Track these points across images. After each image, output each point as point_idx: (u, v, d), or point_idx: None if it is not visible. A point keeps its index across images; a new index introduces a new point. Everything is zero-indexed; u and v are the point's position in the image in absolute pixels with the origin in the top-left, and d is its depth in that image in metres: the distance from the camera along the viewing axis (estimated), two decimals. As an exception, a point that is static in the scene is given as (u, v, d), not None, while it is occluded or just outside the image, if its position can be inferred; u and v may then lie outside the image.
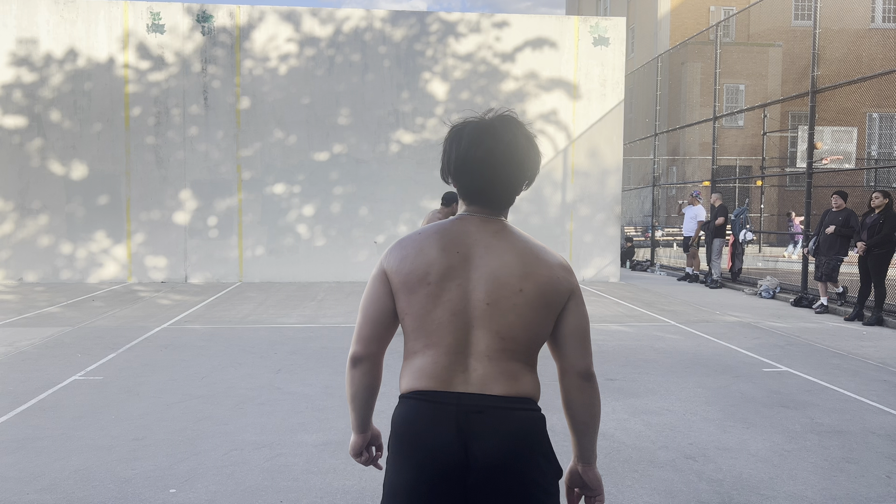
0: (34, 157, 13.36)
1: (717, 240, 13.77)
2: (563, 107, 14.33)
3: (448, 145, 1.83)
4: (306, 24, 13.81)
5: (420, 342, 1.77)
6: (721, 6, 28.41)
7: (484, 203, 1.82)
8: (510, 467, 1.69)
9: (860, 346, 8.04)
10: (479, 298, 1.73)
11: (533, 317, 1.74)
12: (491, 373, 1.72)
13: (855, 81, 11.30)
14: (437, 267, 1.75)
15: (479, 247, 1.77)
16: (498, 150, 1.77)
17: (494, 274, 1.74)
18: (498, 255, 1.76)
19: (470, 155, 1.77)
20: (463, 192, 1.84)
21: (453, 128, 1.84)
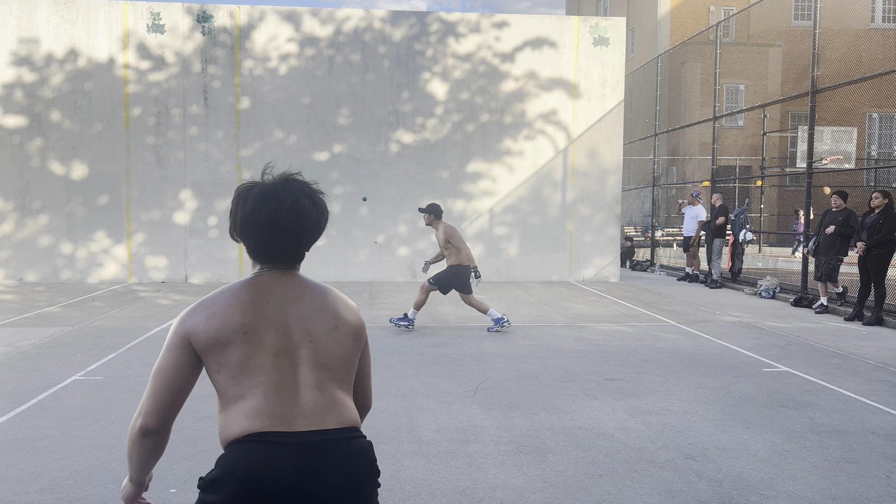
0: (34, 156, 13.37)
1: (718, 240, 13.78)
2: (562, 107, 14.33)
3: (234, 207, 1.93)
4: (306, 25, 13.82)
5: (244, 386, 1.79)
6: (721, 6, 28.41)
7: (275, 260, 1.93)
8: (352, 496, 1.78)
9: (860, 346, 8.05)
10: (300, 337, 1.84)
11: (351, 350, 1.90)
12: (322, 404, 1.81)
13: (855, 81, 11.31)
14: (250, 317, 1.82)
15: (287, 296, 1.88)
16: (280, 213, 1.86)
17: (309, 316, 1.87)
18: (307, 301, 1.89)
19: (253, 218, 1.87)
20: (252, 252, 1.94)
21: (239, 189, 1.94)
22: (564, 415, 5.28)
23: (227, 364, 1.80)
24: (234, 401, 1.79)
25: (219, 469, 1.76)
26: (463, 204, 14.20)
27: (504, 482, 4.01)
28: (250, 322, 1.82)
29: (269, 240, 1.88)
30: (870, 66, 21.83)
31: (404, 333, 8.46)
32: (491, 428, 4.96)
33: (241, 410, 1.77)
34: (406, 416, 5.20)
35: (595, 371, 6.67)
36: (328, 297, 1.93)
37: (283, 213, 1.86)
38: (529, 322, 9.39)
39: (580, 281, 14.42)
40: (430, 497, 3.80)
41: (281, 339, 1.82)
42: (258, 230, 1.87)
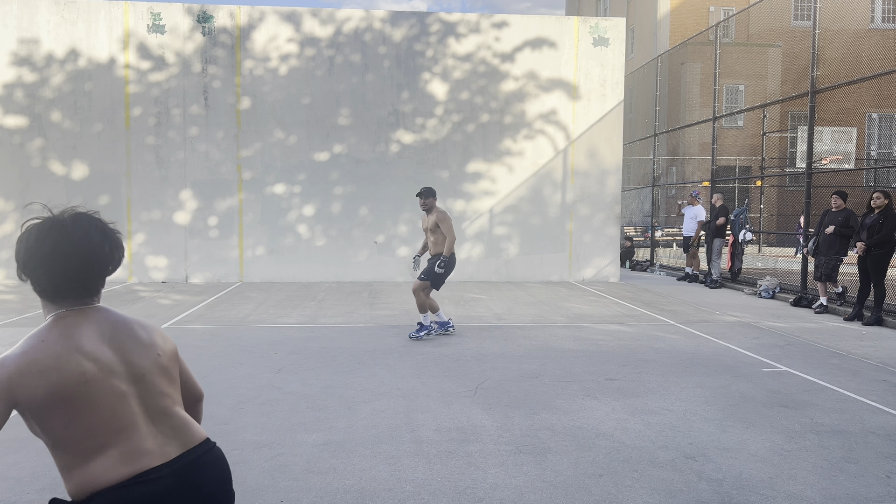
0: (35, 157, 13.37)
1: (718, 240, 13.78)
2: (562, 107, 14.34)
3: (18, 244, 1.87)
4: (306, 25, 13.82)
5: (101, 437, 1.77)
6: (721, 6, 28.41)
7: (67, 296, 1.86)
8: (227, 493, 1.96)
9: (860, 346, 8.05)
10: (134, 374, 1.85)
11: (175, 372, 1.97)
12: (178, 427, 1.90)
13: (854, 82, 11.31)
14: (88, 367, 1.78)
15: (105, 335, 1.85)
16: (67, 246, 1.81)
17: (132, 351, 1.87)
18: (125, 335, 1.88)
19: (38, 252, 1.82)
20: (41, 290, 1.86)
21: (25, 226, 1.89)
22: (564, 415, 5.29)
23: (72, 420, 1.75)
24: (98, 451, 1.77)
25: None
26: (463, 204, 14.20)
27: (504, 482, 4.01)
28: (90, 372, 1.77)
29: (58, 274, 1.81)
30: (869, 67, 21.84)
31: (404, 334, 8.46)
32: (491, 428, 4.96)
33: (112, 458, 1.77)
34: (406, 416, 5.21)
35: (595, 371, 6.67)
36: (139, 327, 1.94)
37: (71, 246, 1.81)
38: (529, 322, 9.40)
39: (580, 281, 14.43)
40: (430, 497, 3.81)
41: (119, 381, 1.82)
42: (44, 264, 1.81)
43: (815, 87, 11.68)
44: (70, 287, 1.85)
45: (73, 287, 1.85)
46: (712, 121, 15.09)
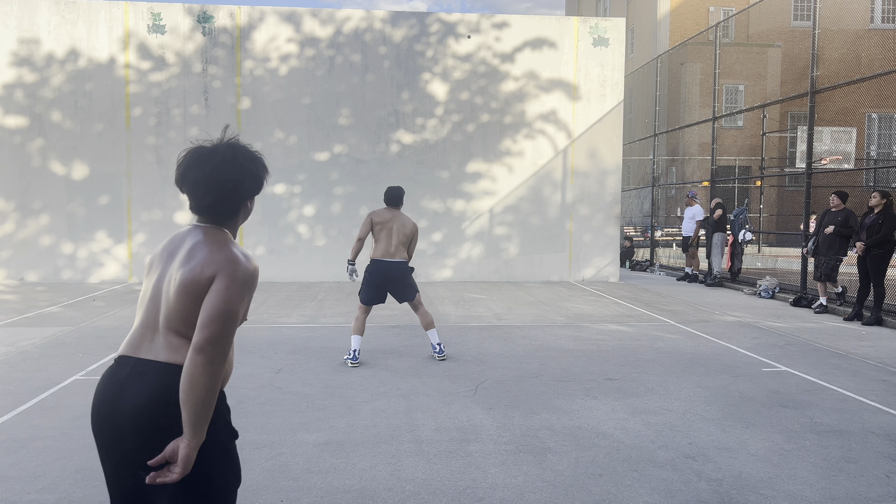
0: (35, 157, 13.38)
1: (718, 234, 13.78)
2: (562, 107, 14.34)
3: (177, 165, 2.24)
4: (306, 25, 13.83)
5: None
6: (720, 7, 28.42)
7: (197, 213, 2.24)
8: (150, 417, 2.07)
9: (859, 346, 8.05)
10: (164, 288, 2.15)
11: (182, 300, 2.09)
12: (161, 345, 2.12)
13: (854, 82, 11.32)
14: (155, 261, 2.24)
15: (181, 249, 2.18)
16: (202, 175, 2.15)
17: (171, 270, 2.16)
18: (179, 257, 2.16)
19: (181, 177, 2.20)
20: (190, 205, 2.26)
21: (183, 151, 2.24)
22: (564, 414, 5.29)
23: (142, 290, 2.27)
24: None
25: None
26: (463, 204, 14.20)
27: (504, 482, 4.02)
28: (153, 266, 2.24)
29: (191, 197, 2.20)
30: (869, 67, 21.84)
31: (404, 333, 8.47)
32: (491, 428, 4.97)
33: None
34: (406, 416, 5.21)
35: (595, 371, 6.68)
36: (191, 254, 2.13)
37: (205, 175, 2.15)
38: (529, 322, 9.40)
39: (580, 281, 14.43)
40: (430, 497, 3.81)
41: (156, 284, 2.18)
42: (184, 187, 2.19)
43: (815, 87, 11.68)
44: (199, 210, 2.23)
45: (201, 210, 2.22)
46: (712, 121, 15.10)
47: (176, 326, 2.08)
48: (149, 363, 2.08)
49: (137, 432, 2.03)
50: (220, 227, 2.22)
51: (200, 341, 1.98)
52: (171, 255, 2.19)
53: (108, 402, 2.08)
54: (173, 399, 2.01)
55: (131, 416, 2.03)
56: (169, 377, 2.04)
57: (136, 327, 2.17)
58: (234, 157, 2.16)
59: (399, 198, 7.22)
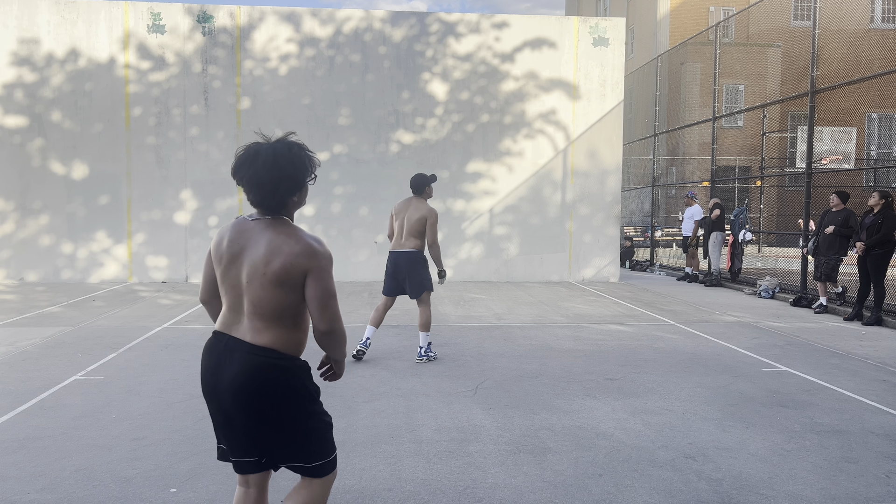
0: (35, 157, 13.37)
1: (716, 233, 13.78)
2: (562, 107, 14.34)
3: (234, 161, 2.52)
4: (306, 25, 13.82)
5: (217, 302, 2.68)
6: (721, 6, 28.41)
7: (256, 207, 2.50)
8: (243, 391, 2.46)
9: (859, 346, 8.05)
10: (244, 279, 2.45)
11: (272, 292, 2.40)
12: (246, 326, 2.47)
13: (854, 82, 11.31)
14: (225, 252, 2.50)
15: (250, 240, 2.45)
16: (247, 175, 2.43)
17: (252, 260, 2.42)
18: (256, 247, 2.43)
19: (236, 173, 2.47)
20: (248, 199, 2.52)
21: (240, 148, 2.51)
22: (564, 414, 5.29)
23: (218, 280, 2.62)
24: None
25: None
26: (463, 204, 14.20)
27: (504, 482, 4.01)
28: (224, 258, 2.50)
29: (249, 191, 2.46)
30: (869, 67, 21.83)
31: (404, 333, 8.47)
32: (491, 428, 4.97)
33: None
34: (406, 416, 5.21)
35: (595, 371, 6.68)
36: (274, 243, 2.41)
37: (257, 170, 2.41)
38: (529, 322, 9.40)
39: (580, 281, 14.43)
40: (430, 497, 3.81)
41: (236, 276, 2.48)
42: (242, 182, 2.47)
43: (815, 87, 11.68)
44: (256, 204, 2.48)
45: (258, 203, 2.48)
46: (712, 121, 15.10)
47: (262, 313, 2.42)
48: (237, 342, 2.46)
49: (234, 398, 2.45)
50: (280, 216, 2.49)
51: (324, 326, 2.45)
52: (243, 248, 2.46)
53: (210, 371, 2.52)
54: (256, 374, 2.41)
55: (228, 386, 2.45)
56: (252, 357, 2.42)
57: (225, 309, 2.54)
58: (275, 159, 2.40)
59: (418, 185, 6.88)
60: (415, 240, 6.80)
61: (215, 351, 2.53)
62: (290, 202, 2.50)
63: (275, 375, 2.45)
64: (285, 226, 2.47)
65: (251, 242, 2.45)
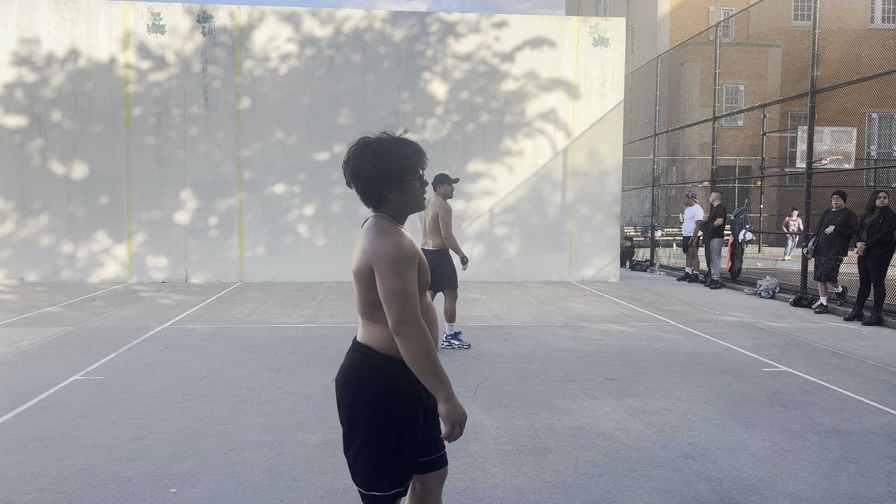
0: (35, 156, 13.37)
1: (716, 240, 13.79)
2: (562, 107, 14.34)
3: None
4: (306, 25, 13.82)
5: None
6: (721, 6, 28.41)
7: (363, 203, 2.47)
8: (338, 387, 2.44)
9: (860, 346, 8.05)
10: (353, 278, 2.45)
11: (359, 289, 2.38)
12: (359, 325, 2.47)
13: (854, 82, 11.31)
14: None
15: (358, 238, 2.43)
16: (347, 161, 2.40)
17: (354, 260, 2.40)
18: (357, 245, 2.41)
19: (343, 169, 2.44)
20: None
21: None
22: (564, 415, 5.29)
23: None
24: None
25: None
26: (463, 204, 14.20)
27: (504, 482, 4.01)
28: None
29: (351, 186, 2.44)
30: (869, 67, 21.84)
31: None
32: (491, 428, 4.96)
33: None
34: (406, 416, 5.20)
35: (595, 371, 6.67)
36: (361, 242, 2.37)
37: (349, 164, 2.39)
38: (529, 322, 9.40)
39: (580, 281, 14.43)
40: (430, 497, 3.80)
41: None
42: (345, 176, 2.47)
43: (815, 87, 11.68)
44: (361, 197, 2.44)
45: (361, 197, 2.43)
46: (712, 121, 15.10)
47: (361, 310, 2.40)
48: (353, 340, 2.46)
49: (338, 394, 2.43)
50: (382, 213, 2.42)
51: (392, 325, 2.28)
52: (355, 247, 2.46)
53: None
54: (350, 371, 2.38)
55: (338, 381, 2.45)
56: (356, 355, 2.39)
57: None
58: (364, 151, 2.36)
59: (432, 184, 7.15)
60: (436, 238, 7.29)
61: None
62: (385, 196, 2.38)
63: (361, 371, 2.38)
64: (377, 222, 2.39)
65: (358, 240, 2.47)
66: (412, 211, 2.45)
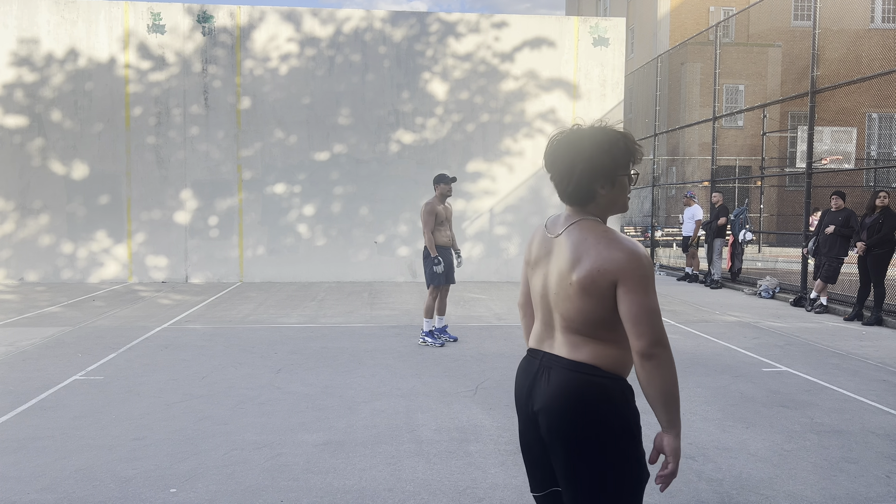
0: (35, 156, 13.37)
1: (718, 240, 13.78)
2: (562, 107, 14.34)
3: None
4: (307, 25, 13.82)
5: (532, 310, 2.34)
6: (721, 6, 28.41)
7: (565, 202, 2.18)
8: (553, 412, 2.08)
9: (860, 346, 8.05)
10: (552, 289, 2.13)
11: (581, 304, 2.05)
12: (562, 341, 2.13)
13: (854, 82, 11.31)
14: (533, 256, 2.24)
15: (562, 245, 2.12)
16: (554, 151, 2.13)
17: (558, 269, 2.10)
18: (562, 251, 2.11)
19: (547, 162, 2.16)
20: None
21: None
22: (564, 415, 5.28)
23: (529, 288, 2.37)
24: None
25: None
26: (463, 204, 14.20)
27: (504, 482, 4.01)
28: (532, 261, 2.26)
29: (554, 181, 2.17)
30: (869, 66, 21.83)
31: (404, 334, 8.46)
32: (491, 428, 4.96)
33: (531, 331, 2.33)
34: (406, 416, 5.21)
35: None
36: (580, 248, 2.06)
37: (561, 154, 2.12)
38: (529, 322, 9.38)
39: (580, 281, 14.41)
40: (430, 497, 3.81)
41: (543, 284, 2.18)
42: (549, 171, 2.19)
43: (815, 87, 11.68)
44: (562, 196, 2.17)
45: (563, 196, 2.17)
46: (712, 121, 15.09)
47: (576, 327, 2.08)
48: (554, 358, 2.13)
49: (548, 427, 2.08)
50: (590, 215, 2.14)
51: (643, 348, 1.98)
52: (550, 251, 2.17)
53: (524, 393, 2.20)
54: (574, 395, 2.05)
55: (543, 410, 2.10)
56: (571, 374, 2.07)
57: (537, 323, 2.24)
58: (576, 140, 2.10)
59: (433, 183, 7.78)
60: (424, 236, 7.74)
61: (530, 371, 2.20)
62: (597, 193, 2.10)
63: (592, 394, 2.05)
64: (595, 225, 2.10)
65: (558, 244, 2.13)
66: (618, 211, 2.19)
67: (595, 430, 2.03)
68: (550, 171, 2.16)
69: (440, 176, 7.66)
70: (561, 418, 2.05)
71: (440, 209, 7.67)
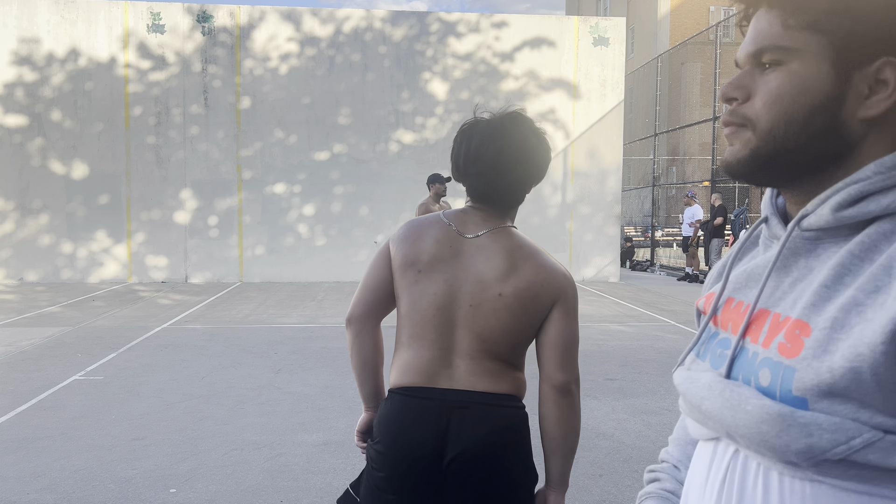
0: (35, 156, 13.37)
1: (716, 239, 13.78)
2: (562, 107, 14.34)
3: (457, 144, 1.80)
4: (307, 24, 13.82)
5: (405, 333, 1.73)
6: (721, 6, 28.42)
7: (489, 202, 1.78)
8: (486, 460, 1.69)
9: (860, 347, 8.03)
10: (464, 299, 1.69)
11: (511, 321, 1.70)
12: (474, 370, 1.70)
13: (855, 82, 11.30)
14: (427, 256, 1.71)
15: (477, 245, 1.72)
16: (508, 150, 1.74)
17: (479, 275, 1.69)
18: (486, 256, 1.71)
19: (479, 155, 1.74)
20: (470, 191, 1.81)
21: (463, 126, 1.81)
22: (564, 415, 5.28)
23: (402, 297, 1.74)
24: (398, 347, 1.76)
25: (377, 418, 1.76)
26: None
27: (504, 482, 4.00)
28: (424, 262, 1.71)
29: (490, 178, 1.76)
30: (870, 66, 21.79)
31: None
32: (491, 428, 4.96)
33: (399, 360, 1.74)
34: (406, 416, 5.20)
35: (595, 371, 6.67)
36: (515, 256, 1.71)
37: (512, 149, 1.75)
38: (529, 322, 9.38)
39: (580, 281, 14.43)
40: (430, 497, 3.80)
41: (446, 293, 1.69)
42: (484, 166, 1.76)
43: (816, 87, 11.66)
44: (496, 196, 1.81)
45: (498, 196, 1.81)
46: (712, 121, 15.09)
47: (497, 350, 1.72)
48: (465, 395, 1.68)
49: (468, 478, 1.67)
50: (509, 222, 1.84)
51: (564, 382, 1.74)
52: (459, 254, 1.72)
53: (426, 445, 1.66)
54: (511, 436, 1.77)
55: (463, 458, 1.66)
56: (500, 411, 1.73)
57: (422, 349, 1.70)
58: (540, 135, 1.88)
59: (427, 183, 7.80)
60: None
61: (426, 417, 1.67)
62: (522, 200, 1.89)
63: (523, 430, 1.82)
64: (523, 235, 1.81)
65: (477, 247, 1.72)
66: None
67: (532, 477, 1.80)
68: (478, 160, 1.75)
69: (434, 176, 7.61)
70: (492, 466, 1.69)
71: (435, 209, 7.69)
